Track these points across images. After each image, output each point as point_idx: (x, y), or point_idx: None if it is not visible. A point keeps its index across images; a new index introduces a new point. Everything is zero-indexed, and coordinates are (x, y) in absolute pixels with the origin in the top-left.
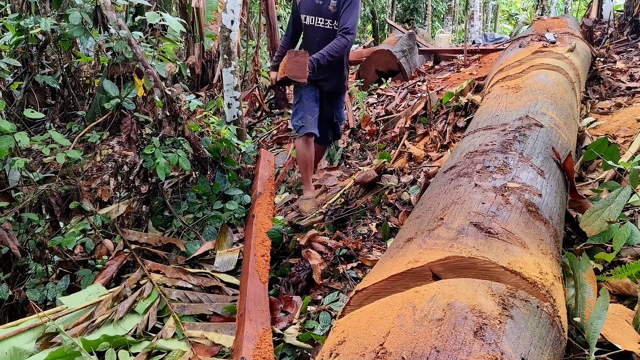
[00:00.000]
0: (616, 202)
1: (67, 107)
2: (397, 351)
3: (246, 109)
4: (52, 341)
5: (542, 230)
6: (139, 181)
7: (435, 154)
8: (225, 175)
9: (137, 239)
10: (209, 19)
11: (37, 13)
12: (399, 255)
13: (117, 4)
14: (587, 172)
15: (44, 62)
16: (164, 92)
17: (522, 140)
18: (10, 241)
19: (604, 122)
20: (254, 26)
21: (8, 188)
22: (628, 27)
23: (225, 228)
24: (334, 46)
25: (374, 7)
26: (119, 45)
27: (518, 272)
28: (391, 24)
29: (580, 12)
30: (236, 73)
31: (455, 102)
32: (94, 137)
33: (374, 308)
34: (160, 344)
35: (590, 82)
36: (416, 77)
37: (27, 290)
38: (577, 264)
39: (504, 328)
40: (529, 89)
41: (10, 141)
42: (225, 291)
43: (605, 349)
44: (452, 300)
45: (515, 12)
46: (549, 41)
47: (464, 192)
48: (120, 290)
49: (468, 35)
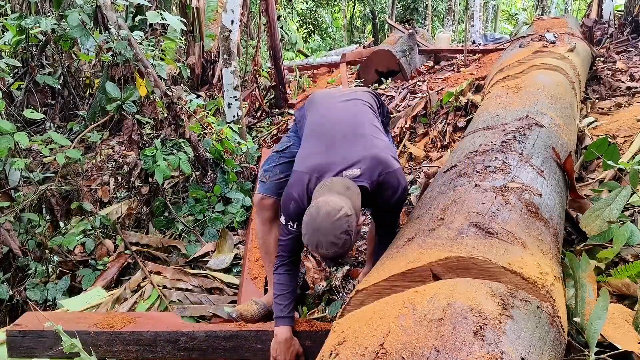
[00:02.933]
0: (616, 202)
1: (67, 107)
2: (397, 351)
3: (246, 109)
4: None
5: (542, 230)
6: (139, 182)
7: (435, 154)
8: (226, 177)
9: (137, 240)
10: (209, 19)
11: (37, 13)
12: (399, 255)
13: (117, 4)
14: (587, 172)
15: (44, 62)
16: (165, 93)
17: (522, 140)
18: (12, 241)
19: (604, 122)
20: (254, 26)
21: (8, 188)
22: (628, 27)
23: (225, 232)
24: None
25: (374, 7)
26: (119, 45)
27: (518, 272)
28: (391, 24)
29: (580, 12)
30: (236, 73)
31: (455, 102)
32: (94, 137)
33: (374, 308)
34: None
35: (590, 82)
36: (416, 77)
37: (27, 290)
38: (577, 264)
39: (504, 328)
40: (529, 89)
41: (9, 141)
42: (225, 292)
43: (605, 349)
44: (452, 300)
45: (515, 12)
46: (549, 41)
47: (464, 192)
48: (121, 292)
49: (468, 35)
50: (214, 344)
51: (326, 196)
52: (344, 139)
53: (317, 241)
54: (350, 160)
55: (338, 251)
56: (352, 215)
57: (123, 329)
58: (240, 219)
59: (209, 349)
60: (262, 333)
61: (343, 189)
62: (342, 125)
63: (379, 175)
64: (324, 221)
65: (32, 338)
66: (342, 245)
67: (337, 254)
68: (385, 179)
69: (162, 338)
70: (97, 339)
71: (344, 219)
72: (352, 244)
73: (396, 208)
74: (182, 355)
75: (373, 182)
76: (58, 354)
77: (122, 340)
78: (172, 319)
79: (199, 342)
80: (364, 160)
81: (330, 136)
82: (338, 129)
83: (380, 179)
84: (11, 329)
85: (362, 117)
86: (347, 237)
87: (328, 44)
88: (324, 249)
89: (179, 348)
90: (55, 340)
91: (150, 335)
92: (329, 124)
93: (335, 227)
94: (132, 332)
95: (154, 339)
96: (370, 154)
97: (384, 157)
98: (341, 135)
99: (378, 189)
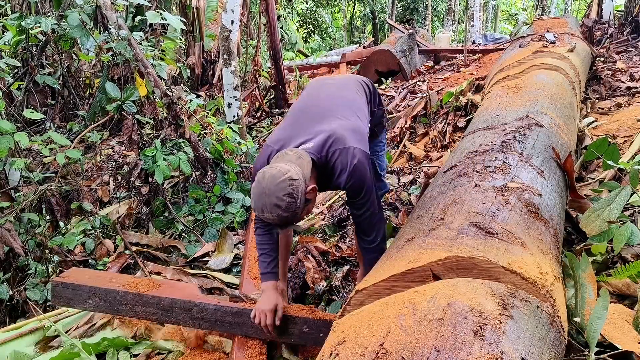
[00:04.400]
0: (616, 202)
1: (67, 107)
2: (397, 351)
3: (246, 109)
4: (51, 344)
5: (542, 230)
6: (139, 182)
7: (435, 154)
8: (226, 177)
9: (137, 240)
10: (209, 19)
11: (37, 13)
12: (399, 255)
13: (117, 4)
14: (587, 172)
15: (44, 62)
16: (165, 93)
17: (522, 140)
18: (13, 240)
19: (604, 122)
20: (254, 26)
21: (8, 188)
22: (628, 27)
23: (225, 232)
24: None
25: (374, 7)
26: (119, 45)
27: (518, 272)
28: (391, 24)
29: (580, 12)
30: (236, 73)
31: (455, 102)
32: (94, 137)
33: (374, 308)
34: (160, 344)
35: (590, 82)
36: (416, 77)
37: (27, 290)
38: (577, 264)
39: (504, 328)
40: (529, 89)
41: (9, 141)
42: (225, 292)
43: (605, 349)
44: (452, 300)
45: (515, 12)
46: (549, 41)
47: (464, 192)
48: None
49: (468, 35)
50: (221, 318)
51: (276, 163)
52: (313, 116)
53: (262, 204)
54: (309, 134)
55: (282, 215)
56: (299, 181)
57: (147, 292)
58: (240, 219)
59: (216, 321)
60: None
61: (294, 157)
62: (318, 106)
63: (327, 148)
64: (268, 184)
65: (71, 290)
66: (285, 207)
67: (281, 218)
68: (334, 155)
69: (178, 305)
70: (124, 298)
71: (288, 181)
72: (299, 210)
73: (355, 195)
74: (194, 323)
75: (322, 156)
76: (90, 308)
77: (144, 303)
78: (191, 289)
79: (208, 313)
80: (321, 134)
81: (303, 114)
82: (312, 109)
83: (330, 154)
84: (56, 280)
85: (340, 100)
86: (291, 201)
87: (328, 44)
88: (269, 212)
89: (191, 316)
90: (90, 296)
91: (167, 301)
92: (306, 106)
93: (279, 188)
94: (153, 297)
95: (171, 305)
96: (328, 129)
97: (340, 134)
98: (312, 113)
99: (327, 163)
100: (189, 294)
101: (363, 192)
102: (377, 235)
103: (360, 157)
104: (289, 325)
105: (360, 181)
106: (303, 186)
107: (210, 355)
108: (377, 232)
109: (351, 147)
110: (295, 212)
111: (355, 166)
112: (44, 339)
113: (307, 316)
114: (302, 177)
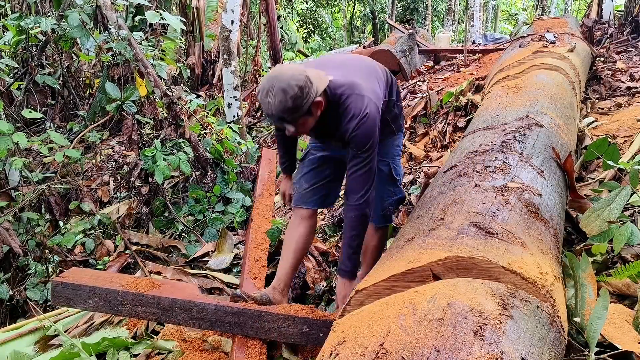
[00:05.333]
0: (616, 202)
1: (67, 107)
2: (397, 351)
3: (246, 109)
4: (51, 343)
5: (542, 230)
6: (139, 182)
7: (435, 154)
8: (226, 177)
9: (137, 240)
10: (209, 19)
11: (37, 13)
12: (399, 255)
13: (117, 4)
14: (587, 172)
15: (44, 62)
16: (165, 93)
17: (522, 140)
18: (12, 240)
19: (604, 122)
20: (254, 26)
21: (8, 188)
22: (628, 27)
23: (225, 232)
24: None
25: (374, 7)
26: (119, 45)
27: (518, 272)
28: (391, 24)
29: (580, 12)
30: (236, 73)
31: (455, 102)
32: (94, 137)
33: (374, 308)
34: (160, 344)
35: (590, 82)
36: (416, 77)
37: (27, 290)
38: (577, 264)
39: (504, 328)
40: (529, 89)
41: (8, 142)
42: (225, 292)
43: (605, 349)
44: (452, 300)
45: (515, 12)
46: (549, 41)
47: (464, 192)
48: None
49: (468, 35)
50: (221, 318)
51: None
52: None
53: (269, 85)
54: (330, 74)
55: (283, 101)
56: (313, 85)
57: (147, 292)
58: (240, 219)
59: (216, 321)
60: (265, 314)
61: (315, 73)
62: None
63: (344, 90)
64: (286, 70)
65: (71, 290)
66: (291, 97)
67: (281, 104)
68: (349, 98)
69: (178, 305)
70: (124, 297)
71: (304, 77)
72: (299, 109)
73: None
74: (194, 323)
75: (336, 93)
76: (91, 307)
77: (145, 303)
78: (190, 289)
79: (208, 313)
80: (340, 77)
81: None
82: (334, 62)
83: (345, 95)
84: (56, 280)
85: (361, 62)
86: (299, 93)
87: (328, 44)
88: (273, 94)
89: (191, 316)
90: (90, 296)
91: (167, 301)
92: (327, 60)
93: (294, 78)
94: (153, 297)
95: (171, 305)
96: (348, 75)
97: (358, 82)
98: (335, 62)
99: (341, 104)
100: (189, 293)
101: (367, 145)
102: (364, 194)
103: (373, 109)
104: (289, 325)
105: (367, 133)
106: (314, 92)
107: (210, 355)
108: (365, 190)
109: (366, 96)
110: (296, 107)
111: (367, 116)
112: (43, 339)
113: (307, 316)
114: (315, 85)
